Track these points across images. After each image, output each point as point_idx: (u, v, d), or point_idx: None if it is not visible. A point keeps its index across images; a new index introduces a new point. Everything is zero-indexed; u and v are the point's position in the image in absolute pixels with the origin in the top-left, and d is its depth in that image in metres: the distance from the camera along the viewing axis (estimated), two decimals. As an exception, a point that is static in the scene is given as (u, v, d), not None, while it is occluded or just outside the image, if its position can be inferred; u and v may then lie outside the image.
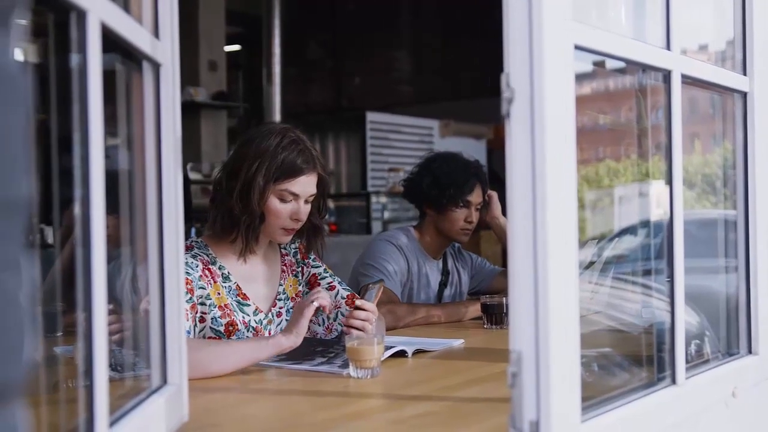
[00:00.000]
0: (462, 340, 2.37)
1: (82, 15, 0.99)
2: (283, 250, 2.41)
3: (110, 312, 1.07)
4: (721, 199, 2.07)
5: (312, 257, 2.45)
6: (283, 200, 2.20)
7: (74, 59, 1.01)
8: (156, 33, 1.34)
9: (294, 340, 1.95)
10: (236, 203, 2.16)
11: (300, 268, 2.42)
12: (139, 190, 1.36)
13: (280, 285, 2.35)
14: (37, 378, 1.00)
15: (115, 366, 1.32)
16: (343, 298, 2.36)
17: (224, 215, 2.19)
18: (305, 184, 2.21)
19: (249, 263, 2.28)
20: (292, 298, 2.36)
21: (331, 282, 2.41)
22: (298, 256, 2.42)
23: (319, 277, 2.42)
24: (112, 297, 1.09)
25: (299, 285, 2.40)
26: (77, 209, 1.00)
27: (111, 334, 1.47)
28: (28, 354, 0.57)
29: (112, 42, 1.11)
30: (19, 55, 0.57)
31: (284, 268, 2.38)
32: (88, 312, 1.00)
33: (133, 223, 1.38)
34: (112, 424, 1.08)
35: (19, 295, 0.55)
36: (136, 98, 1.34)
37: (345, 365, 1.92)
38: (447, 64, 9.63)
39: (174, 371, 1.38)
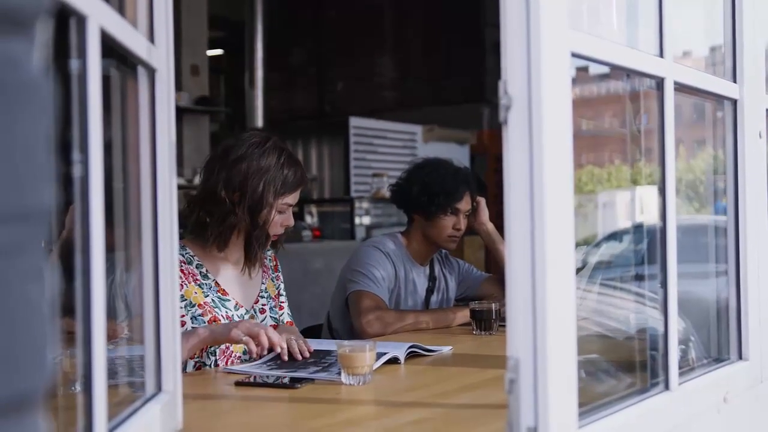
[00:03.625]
0: (451, 347, 2.37)
1: (81, 20, 0.98)
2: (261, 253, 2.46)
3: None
4: (705, 204, 2.09)
5: (278, 272, 2.54)
6: (280, 212, 2.30)
7: (73, 64, 1.00)
8: (151, 38, 1.33)
9: (208, 334, 2.02)
10: (244, 220, 2.24)
11: (276, 275, 2.51)
12: (133, 196, 1.35)
13: (263, 283, 2.43)
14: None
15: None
16: (283, 322, 2.43)
17: (228, 229, 2.25)
18: (298, 195, 2.35)
19: (230, 263, 2.34)
20: (274, 297, 2.45)
21: (284, 302, 2.50)
22: (272, 263, 2.51)
23: (279, 291, 2.51)
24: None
25: (275, 288, 2.49)
26: (77, 215, 1.00)
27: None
28: (50, 363, 0.57)
29: (107, 47, 1.10)
30: (41, 62, 0.57)
31: (264, 268, 2.47)
32: (86, 320, 0.99)
33: (127, 230, 1.37)
34: (109, 432, 1.07)
35: (43, 304, 0.55)
36: (131, 103, 1.34)
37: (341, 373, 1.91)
38: (430, 70, 9.65)
39: (168, 379, 1.37)
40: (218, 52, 10.23)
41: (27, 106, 0.54)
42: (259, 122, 9.03)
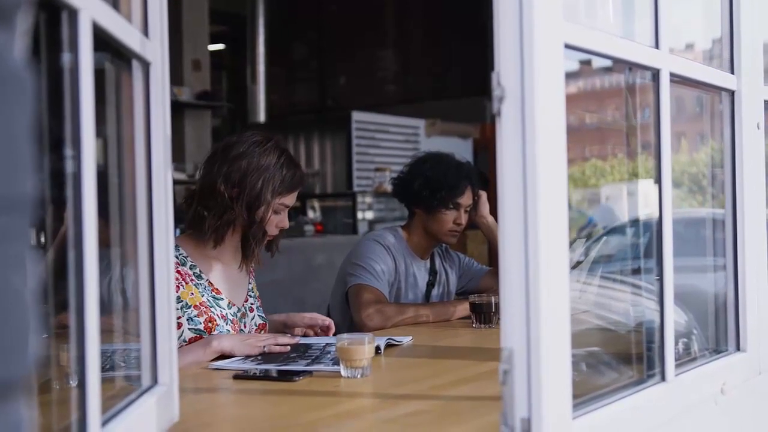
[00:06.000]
0: (410, 337, 2.39)
1: (73, 14, 0.98)
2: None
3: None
4: (707, 198, 2.08)
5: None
6: (276, 212, 2.32)
7: (65, 58, 1.01)
8: (145, 32, 1.33)
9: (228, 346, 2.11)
10: (242, 216, 2.26)
11: (254, 276, 2.54)
12: (129, 191, 1.36)
13: (249, 283, 2.47)
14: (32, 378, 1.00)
15: (103, 366, 1.32)
16: (255, 325, 2.43)
17: (225, 224, 2.26)
18: (295, 197, 2.37)
19: (221, 262, 2.36)
20: (258, 297, 2.49)
21: (256, 304, 2.50)
22: (252, 264, 2.52)
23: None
24: (100, 298, 1.08)
25: (256, 289, 2.52)
26: (69, 210, 1.00)
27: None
28: (32, 352, 0.57)
29: (101, 40, 1.11)
30: (22, 52, 0.57)
31: (251, 269, 2.50)
32: (80, 313, 1.00)
33: (122, 224, 1.37)
34: (104, 424, 1.07)
35: (25, 292, 0.56)
36: (125, 97, 1.34)
37: (336, 362, 1.91)
38: (432, 64, 9.65)
39: (164, 372, 1.38)
40: (220, 46, 10.22)
41: (8, 98, 0.54)
42: (261, 117, 9.03)
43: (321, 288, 5.54)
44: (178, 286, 2.21)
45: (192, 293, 2.25)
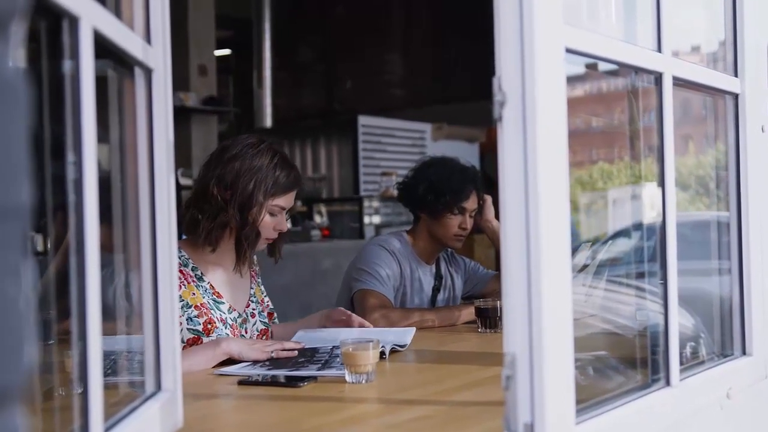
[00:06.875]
0: (413, 329, 2.39)
1: (74, 21, 0.98)
2: None
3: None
4: (715, 200, 2.08)
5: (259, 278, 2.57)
6: (272, 214, 2.32)
7: (66, 65, 1.01)
8: (148, 39, 1.34)
9: (237, 350, 2.10)
10: (234, 217, 2.26)
11: (260, 279, 2.54)
12: (132, 197, 1.36)
13: (251, 288, 2.46)
14: (31, 385, 1.00)
15: (106, 371, 1.32)
16: (257, 331, 2.44)
17: (218, 227, 2.26)
18: (292, 199, 2.36)
19: (222, 267, 2.36)
20: (261, 301, 2.49)
21: (258, 309, 2.50)
22: (257, 269, 2.54)
23: (264, 299, 2.55)
24: (104, 304, 1.08)
25: (261, 294, 2.52)
26: (71, 217, 1.00)
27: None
28: (28, 359, 0.57)
29: (103, 48, 1.11)
30: (17, 61, 0.57)
31: (253, 274, 2.50)
32: (82, 319, 1.00)
33: (125, 231, 1.37)
34: (107, 430, 1.07)
35: (20, 300, 0.56)
36: (128, 104, 1.34)
37: (343, 367, 1.91)
38: (439, 68, 9.64)
39: (168, 378, 1.38)
40: (226, 51, 10.24)
41: (3, 106, 0.54)
42: (268, 122, 9.04)
43: (328, 292, 5.55)
44: (179, 286, 2.21)
45: (193, 293, 2.25)
